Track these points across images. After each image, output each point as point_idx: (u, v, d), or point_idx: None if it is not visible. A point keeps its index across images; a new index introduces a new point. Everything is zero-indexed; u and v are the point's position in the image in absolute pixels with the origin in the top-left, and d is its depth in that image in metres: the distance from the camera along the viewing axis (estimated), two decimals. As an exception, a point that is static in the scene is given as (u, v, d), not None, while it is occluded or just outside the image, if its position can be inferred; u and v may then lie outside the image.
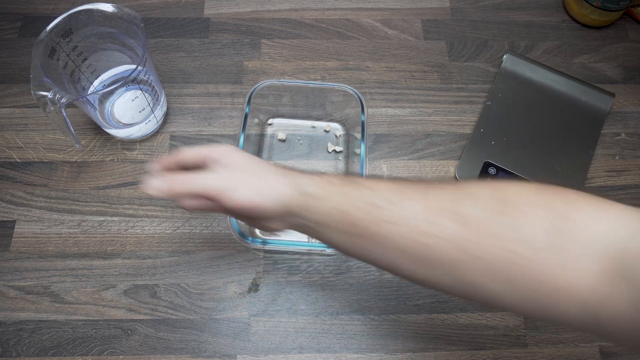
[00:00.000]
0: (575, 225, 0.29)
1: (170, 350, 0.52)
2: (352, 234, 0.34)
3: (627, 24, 0.74)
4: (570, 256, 0.29)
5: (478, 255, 0.31)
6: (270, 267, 0.56)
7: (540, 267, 0.29)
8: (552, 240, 0.29)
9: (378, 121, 0.65)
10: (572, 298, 0.29)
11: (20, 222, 0.57)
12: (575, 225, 0.29)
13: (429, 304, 0.55)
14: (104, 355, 0.51)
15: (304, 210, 0.36)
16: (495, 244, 0.30)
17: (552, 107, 0.65)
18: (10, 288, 0.54)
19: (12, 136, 0.61)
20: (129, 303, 0.54)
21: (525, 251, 0.29)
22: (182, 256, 0.56)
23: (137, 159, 0.61)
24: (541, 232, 0.29)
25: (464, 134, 0.64)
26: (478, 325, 0.55)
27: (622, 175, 0.63)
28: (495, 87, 0.67)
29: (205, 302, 0.54)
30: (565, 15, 0.74)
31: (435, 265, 0.32)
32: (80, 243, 0.56)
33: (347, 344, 0.53)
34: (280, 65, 0.68)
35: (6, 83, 0.64)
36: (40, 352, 0.51)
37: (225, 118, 0.64)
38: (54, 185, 0.59)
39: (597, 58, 0.71)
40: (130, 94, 0.59)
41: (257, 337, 0.53)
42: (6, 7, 0.70)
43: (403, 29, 0.72)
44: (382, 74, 0.68)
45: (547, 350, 0.54)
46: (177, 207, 0.58)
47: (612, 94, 0.66)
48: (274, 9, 0.72)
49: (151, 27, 0.69)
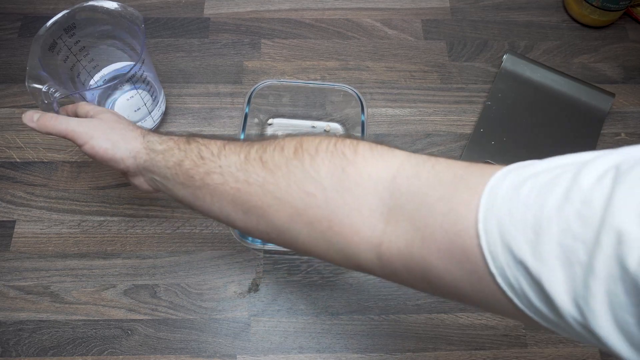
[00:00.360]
0: (356, 168, 0.31)
1: (170, 350, 0.52)
2: (189, 186, 0.38)
3: (627, 24, 0.74)
4: (353, 196, 0.31)
5: (280, 197, 0.33)
6: (270, 267, 0.56)
7: (329, 207, 0.31)
8: (337, 181, 0.31)
9: (378, 121, 0.65)
10: (359, 238, 0.31)
11: (20, 222, 0.57)
12: (356, 168, 0.31)
13: (429, 304, 0.55)
14: (104, 355, 0.51)
15: (153, 166, 0.40)
16: (290, 185, 0.32)
17: (552, 107, 0.65)
18: (10, 288, 0.54)
19: (12, 136, 0.61)
20: (129, 303, 0.54)
21: (315, 190, 0.32)
22: (182, 256, 0.56)
23: (137, 159, 0.61)
24: (328, 173, 0.32)
25: (464, 134, 0.64)
26: (478, 325, 0.55)
27: (622, 175, 0.63)
28: (495, 87, 0.67)
29: (205, 302, 0.54)
30: (565, 15, 0.74)
31: (251, 211, 0.35)
32: (80, 243, 0.56)
33: (347, 344, 0.53)
34: (280, 65, 0.68)
35: (6, 83, 0.64)
36: (40, 352, 0.51)
37: (225, 118, 0.64)
38: (54, 185, 0.59)
39: (597, 58, 0.71)
40: (130, 93, 0.60)
41: (257, 337, 0.53)
42: (6, 7, 0.70)
43: (403, 29, 0.72)
44: (382, 73, 0.68)
45: (547, 350, 0.54)
46: (177, 207, 0.58)
47: (612, 93, 0.66)
48: (274, 9, 0.72)
49: (151, 27, 0.69)
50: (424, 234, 0.27)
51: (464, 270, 0.26)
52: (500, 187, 0.25)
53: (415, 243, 0.28)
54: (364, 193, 0.30)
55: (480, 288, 0.26)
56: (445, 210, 0.26)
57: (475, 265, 0.25)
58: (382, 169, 0.31)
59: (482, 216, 0.25)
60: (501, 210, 0.24)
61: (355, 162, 0.31)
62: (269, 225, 0.34)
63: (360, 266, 0.32)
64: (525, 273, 0.23)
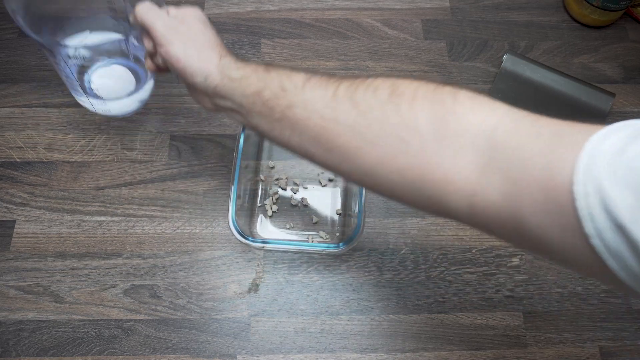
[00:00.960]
0: (455, 117, 0.30)
1: (170, 350, 0.52)
2: (266, 116, 0.37)
3: (627, 24, 0.74)
4: (450, 146, 0.30)
5: (370, 141, 0.32)
6: (270, 267, 0.56)
7: (424, 155, 0.30)
8: (435, 129, 0.30)
9: (378, 121, 0.65)
10: (452, 187, 0.30)
11: (20, 222, 0.57)
12: (455, 117, 0.30)
13: (429, 304, 0.55)
14: (104, 355, 0.51)
15: (226, 92, 0.39)
16: (383, 129, 0.31)
17: (552, 107, 0.65)
18: (10, 288, 0.54)
19: (12, 136, 0.61)
20: (129, 303, 0.54)
21: (411, 137, 0.31)
22: (182, 256, 0.56)
23: (137, 159, 0.61)
24: (425, 120, 0.30)
25: (464, 134, 0.64)
26: (478, 325, 0.55)
27: (622, 175, 0.63)
28: (495, 87, 0.67)
29: (205, 302, 0.54)
30: (565, 15, 0.74)
31: (335, 150, 0.34)
32: (80, 243, 0.56)
33: (347, 344, 0.53)
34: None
35: (6, 83, 0.64)
36: (40, 352, 0.51)
37: (225, 118, 0.64)
38: (54, 185, 0.59)
39: (597, 58, 0.71)
40: (117, 67, 0.57)
41: (257, 337, 0.53)
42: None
43: (403, 28, 0.72)
44: (382, 73, 0.68)
45: (547, 351, 0.54)
46: (177, 207, 0.58)
47: (612, 93, 0.66)
48: (274, 9, 0.72)
49: (151, 27, 0.69)
50: (519, 187, 0.27)
51: (558, 227, 0.26)
52: (602, 147, 0.24)
53: (509, 196, 0.27)
54: (462, 143, 0.30)
55: (571, 246, 0.25)
56: (543, 164, 0.26)
57: (570, 223, 0.25)
58: (481, 120, 0.30)
59: (581, 175, 0.24)
60: (602, 171, 0.23)
61: (455, 111, 0.30)
62: (353, 166, 0.33)
63: (448, 214, 0.32)
64: (624, 237, 0.23)
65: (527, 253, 0.58)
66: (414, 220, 0.59)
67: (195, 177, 0.60)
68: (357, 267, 0.57)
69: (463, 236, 0.59)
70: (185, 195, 0.59)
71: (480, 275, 0.57)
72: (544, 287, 0.57)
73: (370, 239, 0.58)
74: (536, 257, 0.58)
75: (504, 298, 0.56)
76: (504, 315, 0.55)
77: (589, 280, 0.57)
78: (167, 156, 0.61)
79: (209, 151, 0.62)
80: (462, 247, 0.58)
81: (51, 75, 0.65)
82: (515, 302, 0.56)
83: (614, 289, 0.57)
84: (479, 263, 0.57)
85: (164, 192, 0.59)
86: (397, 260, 0.57)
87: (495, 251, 0.58)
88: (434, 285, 0.56)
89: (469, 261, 0.57)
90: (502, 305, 0.56)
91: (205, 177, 0.60)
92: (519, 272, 0.57)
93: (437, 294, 0.56)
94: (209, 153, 0.61)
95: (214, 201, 0.59)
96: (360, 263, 0.57)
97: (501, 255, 0.58)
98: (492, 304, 0.56)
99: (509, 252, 0.58)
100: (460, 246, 0.58)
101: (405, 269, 0.57)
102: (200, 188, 0.59)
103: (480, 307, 0.55)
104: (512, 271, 0.57)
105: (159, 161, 0.61)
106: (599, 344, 0.54)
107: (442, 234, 0.59)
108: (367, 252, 0.57)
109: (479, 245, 0.58)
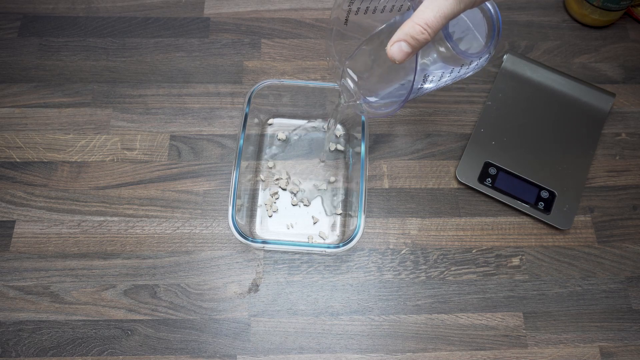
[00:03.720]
0: None
1: (170, 350, 0.52)
2: None
3: (628, 24, 0.74)
4: None
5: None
6: (270, 267, 0.56)
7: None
8: None
9: (378, 121, 0.65)
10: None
11: (20, 222, 0.57)
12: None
13: (429, 304, 0.55)
14: (104, 355, 0.51)
15: None
16: None
17: (552, 107, 0.65)
18: (10, 288, 0.54)
19: (12, 136, 0.61)
20: (129, 303, 0.54)
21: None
22: (182, 256, 0.56)
23: (137, 159, 0.61)
24: None
25: (464, 134, 0.64)
26: (478, 325, 0.55)
27: (623, 176, 0.63)
28: (495, 87, 0.66)
29: (205, 302, 0.54)
30: (565, 15, 0.74)
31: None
32: (80, 243, 0.56)
33: (347, 344, 0.53)
34: (280, 65, 0.68)
35: (6, 83, 0.64)
36: (40, 352, 0.51)
37: (225, 118, 0.64)
38: (54, 185, 0.59)
39: (597, 58, 0.71)
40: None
41: (257, 337, 0.53)
42: (6, 6, 0.70)
43: (403, 28, 0.71)
44: (382, 73, 0.68)
45: (548, 351, 0.54)
46: (177, 207, 0.58)
47: (612, 94, 0.66)
48: (274, 9, 0.72)
49: (151, 27, 0.69)
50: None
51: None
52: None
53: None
54: None
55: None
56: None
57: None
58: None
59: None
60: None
61: None
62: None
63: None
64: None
65: (528, 253, 0.58)
66: (414, 220, 0.59)
67: (195, 177, 0.60)
68: (357, 267, 0.57)
69: (463, 236, 0.59)
70: (185, 195, 0.59)
71: (480, 276, 0.57)
72: (544, 288, 0.57)
73: (370, 239, 0.58)
74: (536, 257, 0.58)
75: (504, 298, 0.56)
76: (504, 315, 0.55)
77: (589, 280, 0.57)
78: (167, 156, 0.61)
79: (209, 151, 0.62)
80: (463, 247, 0.58)
81: (51, 75, 0.65)
82: (516, 303, 0.56)
83: (614, 289, 0.57)
84: (479, 263, 0.57)
85: (164, 192, 0.59)
86: (397, 260, 0.57)
87: (496, 251, 0.58)
88: (434, 285, 0.56)
89: (469, 261, 0.57)
90: (502, 306, 0.56)
91: (205, 177, 0.60)
92: (519, 272, 0.57)
93: (437, 294, 0.56)
94: (209, 153, 0.61)
95: (214, 201, 0.59)
96: (360, 263, 0.57)
97: (501, 256, 0.58)
98: (492, 304, 0.56)
99: (509, 253, 0.58)
100: (461, 246, 0.58)
101: (406, 269, 0.57)
102: (200, 188, 0.59)
103: (480, 308, 0.55)
104: (512, 271, 0.57)
105: (159, 161, 0.61)
106: (599, 344, 0.54)
107: (442, 234, 0.59)
108: (367, 252, 0.57)
109: (479, 245, 0.58)
